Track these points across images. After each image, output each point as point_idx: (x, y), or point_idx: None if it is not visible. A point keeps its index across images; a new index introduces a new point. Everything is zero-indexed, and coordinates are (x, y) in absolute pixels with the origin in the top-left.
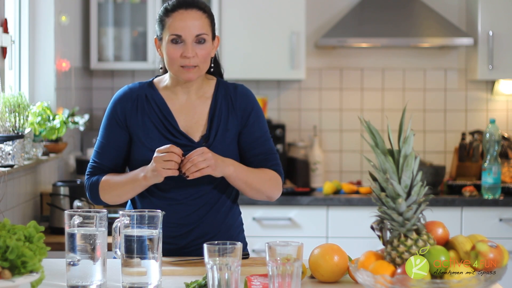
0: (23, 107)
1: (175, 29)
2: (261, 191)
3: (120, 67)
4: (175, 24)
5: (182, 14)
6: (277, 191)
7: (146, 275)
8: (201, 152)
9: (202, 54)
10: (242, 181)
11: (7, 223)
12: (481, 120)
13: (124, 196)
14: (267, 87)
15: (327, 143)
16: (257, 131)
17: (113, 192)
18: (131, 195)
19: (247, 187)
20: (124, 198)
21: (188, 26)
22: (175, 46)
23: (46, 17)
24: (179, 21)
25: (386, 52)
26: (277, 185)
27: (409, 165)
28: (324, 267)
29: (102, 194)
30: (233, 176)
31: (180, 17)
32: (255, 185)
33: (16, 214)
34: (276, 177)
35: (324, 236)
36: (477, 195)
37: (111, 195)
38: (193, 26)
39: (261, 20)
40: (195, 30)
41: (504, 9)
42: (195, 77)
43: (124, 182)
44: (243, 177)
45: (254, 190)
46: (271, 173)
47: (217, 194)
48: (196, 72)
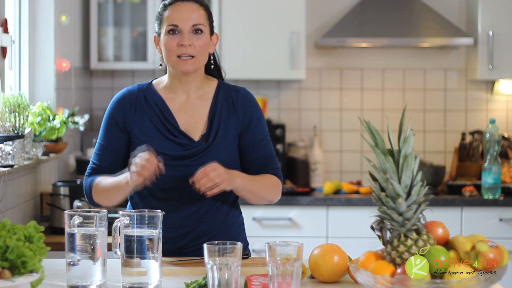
0: (23, 107)
1: (172, 19)
2: (264, 197)
3: (120, 67)
4: (172, 15)
5: (179, 5)
6: (278, 195)
7: (146, 275)
8: (214, 168)
9: (199, 44)
10: (248, 190)
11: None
12: (481, 120)
13: (112, 199)
14: (267, 87)
15: (327, 143)
16: (258, 134)
17: (102, 195)
18: (119, 199)
19: (252, 196)
20: (113, 201)
21: (184, 16)
22: (172, 36)
23: (46, 17)
24: (176, 12)
25: (386, 52)
26: (278, 190)
27: (409, 165)
28: (324, 267)
29: (94, 196)
30: (241, 188)
31: (177, 8)
32: (259, 193)
33: (16, 214)
34: (277, 182)
35: (324, 236)
36: (477, 195)
37: (101, 198)
38: (189, 16)
39: (261, 20)
40: (191, 20)
41: (504, 9)
42: (193, 69)
43: (110, 186)
44: (249, 187)
45: (258, 197)
46: (272, 178)
47: (217, 194)
48: (193, 63)
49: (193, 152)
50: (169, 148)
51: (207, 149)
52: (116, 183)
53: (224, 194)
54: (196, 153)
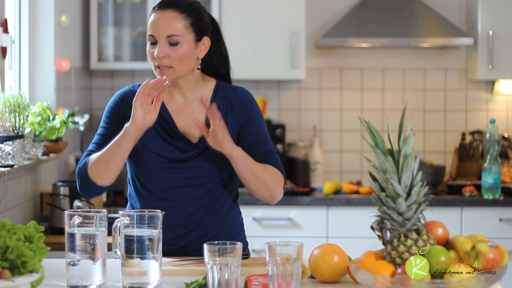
0: (23, 107)
1: (151, 28)
2: (265, 183)
3: (120, 67)
4: (151, 23)
5: (157, 14)
6: (280, 189)
7: (146, 275)
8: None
9: (174, 56)
10: (248, 167)
11: (7, 223)
12: (481, 120)
13: (110, 163)
14: (267, 87)
15: (327, 143)
16: (256, 132)
17: (99, 162)
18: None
19: (253, 176)
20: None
21: (160, 26)
22: (151, 46)
23: (46, 17)
24: (154, 22)
25: (386, 52)
26: (280, 182)
27: (409, 165)
28: (324, 267)
29: (90, 169)
30: (241, 158)
31: (156, 17)
32: (260, 174)
33: (16, 214)
34: (279, 174)
35: (324, 236)
36: (477, 195)
37: (97, 167)
38: (165, 26)
39: (261, 20)
40: (166, 30)
41: (504, 9)
42: (172, 78)
43: (108, 148)
44: (250, 162)
45: (259, 181)
46: (274, 169)
47: (217, 194)
48: (171, 73)
49: (192, 154)
50: (167, 151)
51: (205, 151)
52: (114, 141)
53: (224, 194)
54: (194, 155)
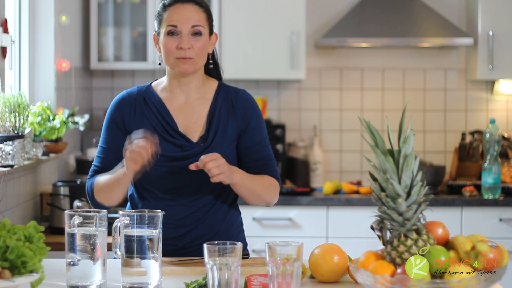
0: (23, 107)
1: (172, 21)
2: (261, 197)
3: (120, 67)
4: (171, 16)
5: (179, 7)
6: (275, 197)
7: (146, 275)
8: (215, 158)
9: (198, 46)
10: (246, 188)
11: (7, 223)
12: (481, 120)
13: (114, 194)
14: (267, 87)
15: (327, 143)
16: (256, 136)
17: (104, 191)
18: (120, 193)
19: (250, 194)
20: (115, 196)
21: (184, 17)
22: (172, 38)
23: (46, 17)
24: (175, 14)
25: (386, 52)
26: (275, 192)
27: (409, 165)
28: (324, 267)
29: (96, 195)
30: (239, 183)
31: (176, 10)
32: (257, 191)
33: (16, 214)
34: (275, 184)
35: (324, 236)
36: (477, 195)
37: (103, 195)
38: (189, 18)
39: (261, 20)
40: (191, 21)
41: (504, 9)
42: (191, 70)
43: (110, 180)
44: (248, 184)
45: (256, 196)
46: (270, 180)
47: (216, 195)
48: (192, 64)
49: (191, 153)
50: (167, 150)
51: (205, 150)
52: (115, 176)
53: (223, 194)
54: (194, 154)
